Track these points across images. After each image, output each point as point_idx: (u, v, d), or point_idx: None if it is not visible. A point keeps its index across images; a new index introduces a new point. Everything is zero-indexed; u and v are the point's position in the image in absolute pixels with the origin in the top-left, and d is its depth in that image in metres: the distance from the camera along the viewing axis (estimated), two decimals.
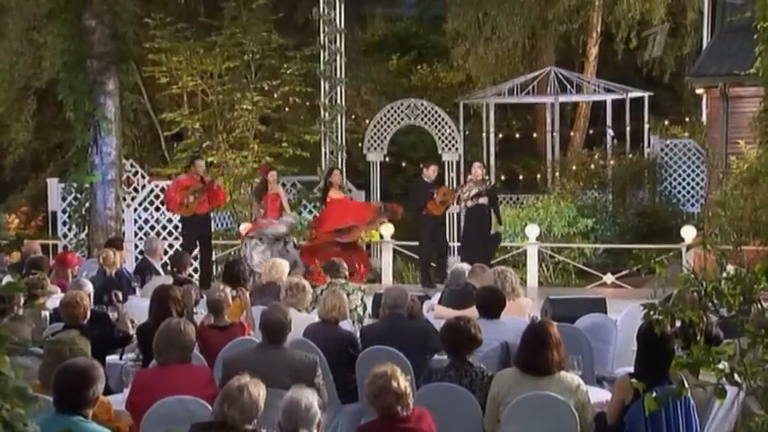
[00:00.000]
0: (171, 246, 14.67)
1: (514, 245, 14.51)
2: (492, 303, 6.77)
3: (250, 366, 5.39)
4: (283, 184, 17.73)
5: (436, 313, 7.85)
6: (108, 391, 5.86)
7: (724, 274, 3.24)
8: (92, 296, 7.74)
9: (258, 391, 4.28)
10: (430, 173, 13.15)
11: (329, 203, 13.15)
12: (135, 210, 15.16)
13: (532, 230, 13.89)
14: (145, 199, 15.23)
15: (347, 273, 8.78)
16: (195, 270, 14.84)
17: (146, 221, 15.18)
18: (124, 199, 14.86)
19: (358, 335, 7.15)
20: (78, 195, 14.53)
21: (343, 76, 16.50)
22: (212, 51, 15.86)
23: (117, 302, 7.42)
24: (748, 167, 12.59)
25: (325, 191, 13.42)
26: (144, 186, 15.42)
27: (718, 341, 5.11)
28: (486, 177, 13.08)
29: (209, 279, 12.23)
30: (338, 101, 16.52)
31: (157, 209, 15.13)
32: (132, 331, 7.18)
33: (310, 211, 15.87)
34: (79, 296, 6.78)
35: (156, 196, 15.20)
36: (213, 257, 13.49)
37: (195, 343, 5.67)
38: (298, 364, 5.64)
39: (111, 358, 6.90)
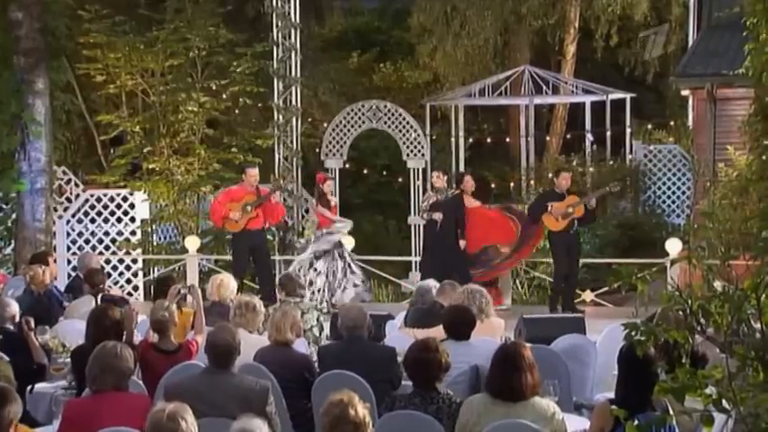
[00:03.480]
0: (108, 261, 14.55)
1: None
2: (461, 324, 6.79)
3: (194, 394, 5.36)
4: None
5: (401, 334, 7.85)
6: (36, 424, 5.79)
7: (711, 292, 3.26)
8: (17, 317, 7.65)
9: (188, 416, 4.26)
10: (561, 182, 12.62)
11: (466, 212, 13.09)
12: (68, 222, 15.02)
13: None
14: (79, 210, 15.09)
15: (303, 291, 8.77)
16: (152, 288, 14.75)
17: (80, 234, 15.04)
18: (55, 209, 14.71)
19: (315, 357, 7.14)
20: (3, 206, 14.38)
21: (298, 74, 16.47)
22: (154, 47, 15.76)
23: (28, 330, 7.29)
24: (737, 175, 12.72)
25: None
26: (78, 196, 15.29)
27: (705, 361, 5.16)
28: (445, 186, 12.97)
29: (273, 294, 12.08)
30: (293, 102, 16.49)
31: (93, 220, 15.01)
32: (65, 357, 7.10)
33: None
34: None
35: (92, 206, 15.08)
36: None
37: (133, 369, 5.62)
38: (247, 390, 5.61)
39: (41, 386, 6.82)
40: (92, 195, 15.16)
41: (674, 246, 12.51)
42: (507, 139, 23.09)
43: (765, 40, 11.14)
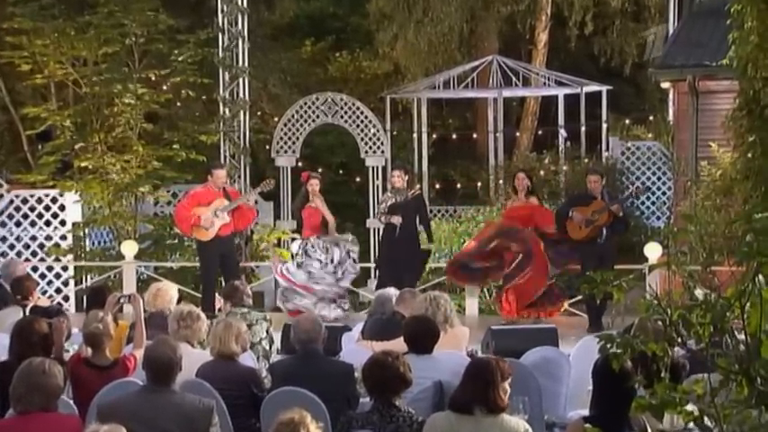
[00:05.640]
0: (35, 269, 14.42)
1: None
2: (423, 336, 6.80)
3: (131, 413, 5.34)
4: (174, 195, 17.65)
5: (358, 347, 7.86)
6: None
7: (692, 300, 3.29)
8: None
9: None
10: (589, 185, 12.18)
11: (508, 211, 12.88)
12: None
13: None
14: (2, 212, 14.93)
15: (249, 300, 8.74)
16: (66, 298, 14.60)
17: (3, 239, 14.88)
18: None
19: (264, 372, 7.13)
20: None
21: (246, 64, 16.42)
22: (86, 33, 15.63)
23: None
24: (721, 174, 12.86)
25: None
26: (1, 196, 15.13)
27: (685, 369, 5.21)
28: (405, 186, 12.91)
29: None
30: (240, 94, 16.44)
31: (18, 224, 14.84)
32: None
33: None
34: None
35: (17, 208, 14.91)
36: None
37: (63, 387, 5.58)
38: (189, 409, 5.60)
39: None
40: (17, 196, 14.99)
41: (653, 250, 12.60)
42: (474, 135, 23.19)
43: (751, 28, 11.25)
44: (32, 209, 14.97)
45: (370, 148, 16.88)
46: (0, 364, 6.74)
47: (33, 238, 14.89)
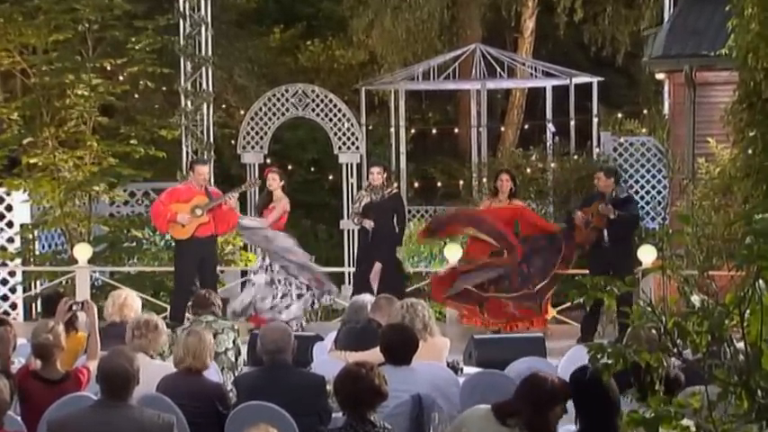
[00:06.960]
0: None
1: (431, 270, 14.60)
2: (401, 346, 6.80)
3: (84, 430, 5.31)
4: (132, 194, 17.60)
5: (331, 358, 7.85)
6: None
7: (688, 307, 3.30)
8: None
9: None
10: (601, 182, 12.15)
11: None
12: None
13: (453, 252, 13.97)
14: None
15: (217, 309, 8.72)
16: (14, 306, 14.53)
17: None
18: None
19: (229, 386, 7.12)
20: None
21: (209, 53, 16.40)
22: (35, 19, 15.58)
23: None
24: (720, 172, 12.92)
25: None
26: None
27: (678, 384, 5.23)
28: (386, 184, 12.89)
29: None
30: (204, 85, 16.42)
31: None
32: None
33: None
34: None
35: None
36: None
37: (9, 402, 5.56)
38: (148, 425, 5.59)
39: None
40: None
41: (647, 253, 12.64)
42: (455, 130, 23.20)
43: (751, 15, 11.31)
44: None
45: (344, 143, 16.86)
46: None
47: None
